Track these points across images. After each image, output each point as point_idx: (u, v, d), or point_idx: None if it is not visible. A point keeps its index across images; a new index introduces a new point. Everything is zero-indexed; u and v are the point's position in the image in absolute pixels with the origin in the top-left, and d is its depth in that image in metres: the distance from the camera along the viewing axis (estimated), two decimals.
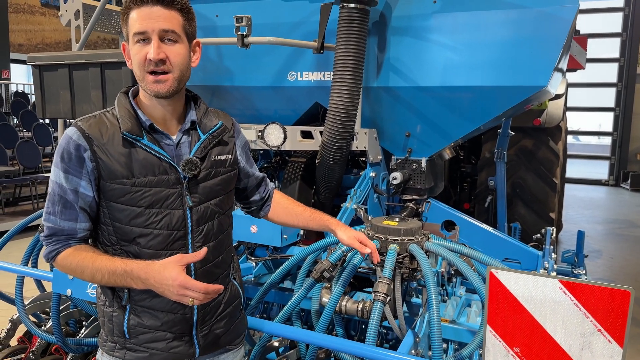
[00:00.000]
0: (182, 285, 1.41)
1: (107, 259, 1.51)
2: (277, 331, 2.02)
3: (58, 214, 1.54)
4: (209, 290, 1.43)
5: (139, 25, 1.48)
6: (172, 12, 1.50)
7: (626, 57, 14.04)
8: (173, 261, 1.45)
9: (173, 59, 1.51)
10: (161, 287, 1.44)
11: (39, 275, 2.56)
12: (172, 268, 1.43)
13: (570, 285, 1.32)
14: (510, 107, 3.02)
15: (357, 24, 2.82)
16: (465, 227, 3.48)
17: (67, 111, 3.11)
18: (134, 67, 1.53)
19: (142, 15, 1.48)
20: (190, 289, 1.42)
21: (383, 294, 2.02)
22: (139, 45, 1.49)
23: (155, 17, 1.47)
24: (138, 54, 1.50)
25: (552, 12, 2.74)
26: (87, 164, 1.51)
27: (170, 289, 1.43)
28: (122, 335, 1.59)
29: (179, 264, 1.45)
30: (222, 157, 1.67)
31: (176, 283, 1.41)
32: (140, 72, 1.51)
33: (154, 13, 1.48)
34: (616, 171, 14.41)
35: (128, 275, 1.46)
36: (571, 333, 1.35)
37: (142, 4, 1.48)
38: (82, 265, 1.51)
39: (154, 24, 1.47)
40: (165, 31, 1.49)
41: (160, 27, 1.48)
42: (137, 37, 1.49)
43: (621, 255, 7.31)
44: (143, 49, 1.49)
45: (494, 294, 1.41)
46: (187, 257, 1.48)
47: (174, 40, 1.51)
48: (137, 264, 1.47)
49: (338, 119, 2.88)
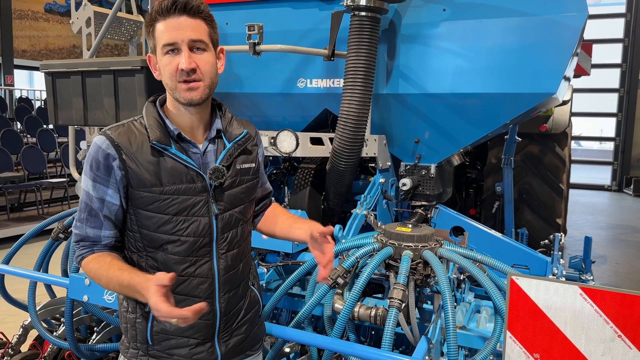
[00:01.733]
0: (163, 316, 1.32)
1: (119, 268, 1.50)
2: (296, 337, 2.03)
3: (84, 221, 1.57)
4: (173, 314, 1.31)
5: (167, 37, 1.50)
6: (198, 21, 1.52)
7: (628, 63, 14.08)
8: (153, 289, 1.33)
9: (203, 68, 1.53)
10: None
11: (53, 280, 2.57)
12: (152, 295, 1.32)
13: (591, 291, 1.34)
14: (519, 114, 3.04)
15: (368, 32, 2.84)
16: (473, 233, 3.49)
17: (79, 118, 3.14)
18: (165, 78, 1.56)
19: (170, 26, 1.50)
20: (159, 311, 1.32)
21: (398, 300, 2.03)
22: (169, 56, 1.52)
23: (183, 27, 1.50)
24: (169, 65, 1.52)
25: (561, 20, 2.77)
26: (116, 172, 1.53)
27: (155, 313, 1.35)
28: (145, 342, 1.61)
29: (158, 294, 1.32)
30: (246, 165, 1.69)
31: (155, 311, 1.33)
32: (172, 82, 1.53)
33: (181, 23, 1.50)
34: (619, 176, 14.42)
35: (133, 289, 1.45)
36: (591, 339, 1.36)
37: (169, 14, 1.50)
38: (99, 273, 1.54)
39: (183, 34, 1.49)
40: (194, 41, 1.51)
41: (190, 37, 1.50)
42: (167, 48, 1.51)
43: (626, 261, 7.32)
44: (174, 60, 1.51)
45: (515, 301, 1.43)
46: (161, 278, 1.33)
47: (202, 49, 1.54)
48: (139, 279, 1.43)
49: (349, 125, 2.90)
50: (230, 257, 1.66)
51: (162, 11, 1.50)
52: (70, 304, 2.65)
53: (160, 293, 1.32)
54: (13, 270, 2.64)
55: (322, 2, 3.32)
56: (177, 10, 1.49)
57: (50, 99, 3.20)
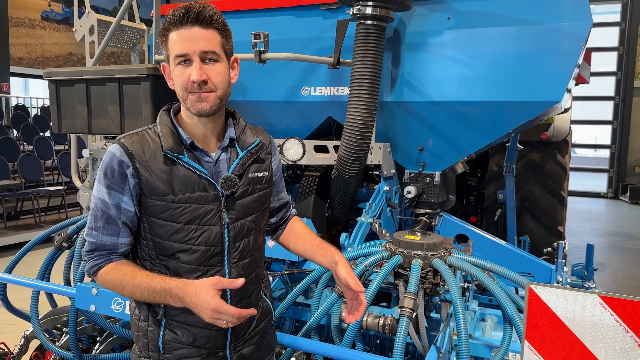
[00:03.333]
0: (215, 310, 1.41)
1: (147, 275, 1.51)
2: (309, 347, 2.02)
3: (100, 229, 1.55)
4: (242, 315, 1.44)
5: (179, 48, 1.49)
6: (210, 31, 1.52)
7: (623, 71, 14.19)
8: (209, 284, 1.44)
9: (215, 79, 1.53)
10: (197, 308, 1.44)
11: (59, 290, 2.54)
12: (207, 291, 1.42)
13: (611, 300, 1.33)
14: (524, 122, 3.05)
15: (374, 40, 2.85)
16: (477, 241, 3.48)
17: (83, 126, 3.12)
18: (177, 88, 1.55)
19: (182, 37, 1.49)
20: (224, 313, 1.41)
21: (409, 309, 2.02)
22: (181, 67, 1.51)
23: (195, 38, 1.49)
24: (181, 76, 1.51)
25: (566, 29, 2.78)
26: (130, 180, 1.52)
27: (204, 312, 1.42)
28: (157, 350, 1.59)
29: (214, 288, 1.43)
30: (259, 174, 1.68)
31: (210, 307, 1.41)
32: (183, 93, 1.53)
33: (193, 34, 1.49)
34: (615, 184, 14.48)
35: (167, 294, 1.46)
36: (611, 348, 1.35)
37: (181, 25, 1.49)
38: (122, 281, 1.52)
39: (195, 46, 1.49)
40: (205, 52, 1.51)
41: (201, 49, 1.50)
42: (179, 59, 1.51)
43: (625, 268, 7.33)
44: (185, 71, 1.51)
45: (533, 310, 1.42)
46: (223, 282, 1.47)
47: (214, 60, 1.53)
48: (176, 283, 1.47)
49: (355, 133, 2.90)
50: (242, 267, 1.65)
51: (175, 21, 1.50)
52: (75, 314, 2.62)
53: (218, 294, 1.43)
54: (18, 280, 2.61)
55: (326, 11, 3.33)
56: (189, 20, 1.49)
57: (54, 107, 3.18)
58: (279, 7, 3.42)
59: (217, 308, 1.41)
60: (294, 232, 1.94)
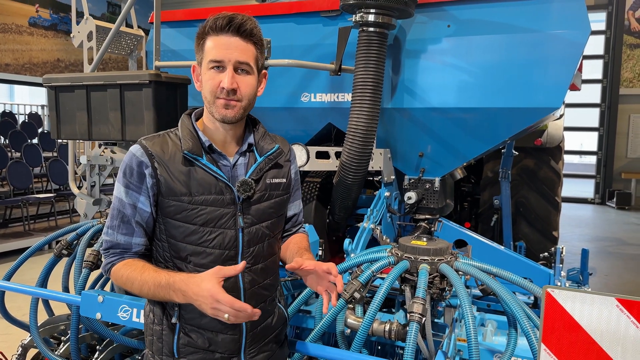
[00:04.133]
0: (213, 297, 1.38)
1: (154, 270, 1.52)
2: (320, 353, 2.02)
3: (116, 227, 1.57)
4: (234, 305, 1.38)
5: (215, 53, 1.51)
6: (248, 44, 1.54)
7: (609, 79, 14.41)
8: (211, 273, 1.42)
9: (244, 90, 1.55)
10: (198, 299, 1.41)
11: (64, 298, 2.52)
12: (209, 280, 1.40)
13: (628, 303, 1.35)
14: (523, 128, 3.08)
15: (376, 47, 2.87)
16: (476, 246, 3.50)
17: (83, 132, 3.10)
18: (205, 91, 1.57)
19: (220, 44, 1.52)
20: (220, 301, 1.38)
21: (418, 314, 2.02)
22: (213, 71, 1.53)
23: (232, 47, 1.51)
24: (211, 80, 1.53)
25: (565, 36, 2.83)
26: (148, 180, 1.54)
27: (205, 301, 1.40)
28: (171, 355, 1.59)
29: (216, 276, 1.41)
30: (276, 180, 1.68)
31: (209, 294, 1.38)
32: (211, 97, 1.55)
33: (232, 43, 1.51)
34: (602, 190, 14.67)
35: (170, 288, 1.46)
36: (628, 351, 1.37)
37: (222, 32, 1.51)
38: (131, 277, 1.53)
39: (231, 55, 1.51)
40: (240, 62, 1.53)
41: (237, 59, 1.52)
42: (212, 64, 1.53)
43: (615, 272, 7.42)
44: (217, 76, 1.52)
45: (550, 313, 1.43)
46: (224, 270, 1.43)
47: (246, 72, 1.55)
48: (180, 277, 1.47)
49: (357, 139, 2.91)
50: (255, 272, 1.65)
51: (217, 27, 1.52)
52: (76, 322, 2.59)
53: (220, 282, 1.39)
54: (21, 288, 2.57)
55: (326, 18, 3.35)
56: (230, 29, 1.51)
57: (53, 113, 3.16)
58: (280, 14, 3.43)
59: (214, 295, 1.37)
60: (288, 241, 1.89)
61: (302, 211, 1.94)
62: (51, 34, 16.49)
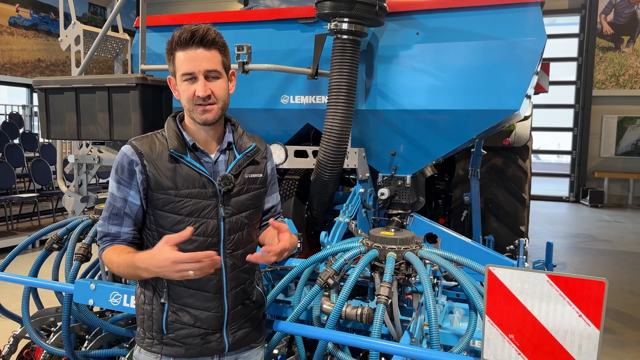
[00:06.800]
0: (175, 261, 1.52)
1: (127, 253, 1.71)
2: (300, 331, 2.21)
3: (107, 219, 1.77)
4: (196, 257, 1.53)
5: (186, 67, 1.71)
6: (213, 52, 1.73)
7: (582, 80, 14.83)
8: (162, 244, 1.57)
9: (217, 93, 1.75)
10: (161, 270, 1.57)
11: (57, 286, 2.68)
12: (162, 249, 1.55)
13: (556, 278, 1.58)
14: (486, 129, 3.31)
15: (349, 53, 3.07)
16: (445, 240, 3.73)
17: (72, 132, 3.25)
18: (183, 100, 1.76)
19: (188, 58, 1.71)
20: (182, 261, 1.53)
21: (385, 296, 2.23)
22: (187, 83, 1.73)
23: (199, 59, 1.70)
24: (187, 91, 1.73)
25: (523, 44, 3.06)
26: (138, 176, 1.73)
27: (168, 269, 1.55)
28: (161, 331, 1.78)
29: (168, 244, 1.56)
30: (254, 175, 1.88)
31: (169, 261, 1.53)
32: (189, 105, 1.75)
33: (198, 55, 1.70)
34: (576, 188, 15.08)
35: (135, 267, 1.64)
36: (557, 319, 1.60)
37: (187, 46, 1.70)
38: (112, 260, 1.73)
39: (199, 66, 1.71)
40: (209, 71, 1.73)
41: (205, 68, 1.72)
42: (185, 77, 1.73)
43: (585, 267, 7.74)
44: (191, 87, 1.72)
45: (492, 288, 1.66)
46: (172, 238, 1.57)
47: (216, 77, 1.75)
48: (140, 255, 1.65)
49: (333, 139, 3.11)
50: (236, 257, 1.85)
51: (182, 42, 1.71)
52: (68, 310, 2.74)
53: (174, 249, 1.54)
54: (15, 278, 2.73)
55: (303, 25, 3.55)
56: (194, 43, 1.70)
57: (43, 114, 3.31)
58: (260, 20, 3.62)
59: (176, 259, 1.52)
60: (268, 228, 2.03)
61: (279, 203, 2.13)
62: (32, 33, 16.44)
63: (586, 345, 1.55)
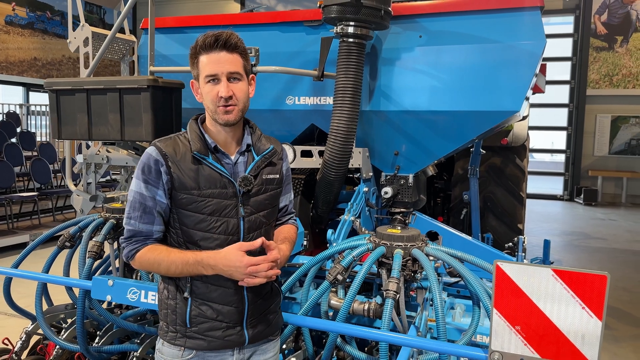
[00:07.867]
0: (249, 264, 1.73)
1: (179, 252, 1.82)
2: (313, 324, 2.30)
3: (138, 218, 1.83)
4: (269, 258, 1.77)
5: (210, 69, 1.80)
6: (235, 55, 1.82)
7: (576, 80, 14.98)
8: (235, 247, 1.76)
9: (238, 95, 1.83)
10: (229, 269, 1.75)
11: (74, 282, 2.74)
12: (236, 253, 1.75)
13: (561, 273, 1.67)
14: (487, 129, 3.41)
15: (355, 56, 3.16)
16: (446, 237, 3.83)
17: (83, 133, 3.32)
18: (206, 102, 1.85)
19: (212, 60, 1.80)
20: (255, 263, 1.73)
21: (393, 291, 2.32)
22: (210, 84, 1.82)
23: (223, 61, 1.79)
24: (210, 92, 1.81)
25: (524, 47, 3.16)
26: (163, 176, 1.81)
27: (238, 270, 1.74)
28: (184, 325, 1.86)
29: (241, 250, 1.75)
30: (271, 176, 1.97)
31: (243, 264, 1.73)
32: (213, 106, 1.83)
33: (221, 58, 1.79)
34: (570, 186, 15.24)
35: (199, 264, 1.76)
36: (561, 311, 1.69)
37: (211, 49, 1.79)
38: (158, 259, 1.80)
39: (222, 68, 1.79)
40: (231, 73, 1.81)
41: (228, 70, 1.80)
42: (209, 79, 1.81)
43: (580, 264, 7.86)
44: (214, 88, 1.81)
45: (500, 282, 1.74)
46: (245, 245, 1.78)
47: (237, 79, 1.84)
48: (206, 254, 1.78)
49: (339, 139, 3.20)
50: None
51: (206, 46, 1.80)
52: (82, 306, 2.81)
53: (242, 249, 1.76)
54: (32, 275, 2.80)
55: (308, 27, 3.63)
56: (218, 46, 1.79)
57: (54, 115, 3.37)
58: (266, 22, 3.70)
59: (251, 261, 1.73)
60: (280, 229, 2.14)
61: (292, 202, 2.22)
62: (28, 32, 16.42)
63: (589, 335, 1.65)
